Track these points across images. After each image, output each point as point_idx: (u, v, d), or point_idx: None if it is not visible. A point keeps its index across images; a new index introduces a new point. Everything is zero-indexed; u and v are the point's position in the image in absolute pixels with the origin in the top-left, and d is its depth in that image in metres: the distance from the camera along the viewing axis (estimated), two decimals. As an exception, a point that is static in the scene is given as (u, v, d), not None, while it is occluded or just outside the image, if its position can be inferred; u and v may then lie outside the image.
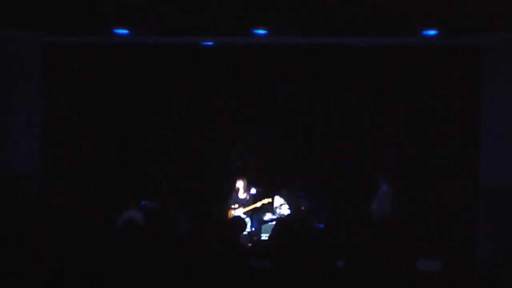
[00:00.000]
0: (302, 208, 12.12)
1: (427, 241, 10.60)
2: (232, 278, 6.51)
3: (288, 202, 12.16)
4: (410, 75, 11.93)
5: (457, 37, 11.00)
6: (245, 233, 11.18)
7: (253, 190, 12.27)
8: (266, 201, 12.05)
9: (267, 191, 12.26)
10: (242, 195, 12.13)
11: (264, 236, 11.93)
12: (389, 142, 12.09)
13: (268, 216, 12.24)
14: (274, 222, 10.92)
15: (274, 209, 12.21)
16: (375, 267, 6.54)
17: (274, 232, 7.53)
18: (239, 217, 9.45)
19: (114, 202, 11.10)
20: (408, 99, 12.08)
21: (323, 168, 12.51)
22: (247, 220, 11.84)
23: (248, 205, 12.03)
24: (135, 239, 7.07)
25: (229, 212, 12.03)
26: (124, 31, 11.06)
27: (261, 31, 10.92)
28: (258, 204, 12.04)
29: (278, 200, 12.22)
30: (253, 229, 12.13)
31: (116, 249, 6.86)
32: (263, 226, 12.17)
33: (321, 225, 11.26)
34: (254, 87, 12.74)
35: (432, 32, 10.77)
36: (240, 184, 12.14)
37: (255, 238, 11.99)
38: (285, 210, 12.12)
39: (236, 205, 12.05)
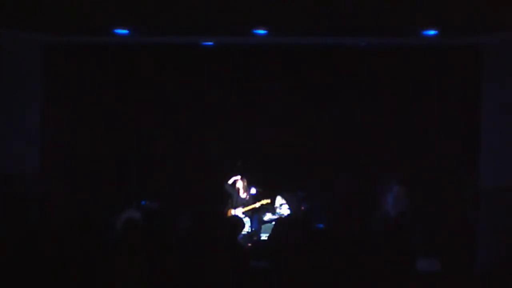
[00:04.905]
0: (302, 208, 12.12)
1: (427, 241, 10.59)
2: (232, 278, 6.52)
3: (288, 202, 12.16)
4: (410, 75, 11.92)
5: (457, 37, 11.00)
6: (244, 232, 11.18)
7: (253, 190, 12.27)
8: (265, 201, 12.05)
9: (267, 191, 12.26)
10: (242, 195, 12.13)
11: (264, 236, 11.93)
12: (388, 142, 12.08)
13: (268, 216, 12.23)
14: (274, 222, 10.91)
15: (274, 209, 12.20)
16: (375, 267, 6.55)
17: (274, 232, 7.55)
18: (236, 216, 9.45)
19: (114, 202, 11.10)
20: (408, 99, 12.07)
21: (323, 168, 12.50)
22: (247, 220, 11.84)
23: (248, 205, 12.04)
24: (135, 239, 7.08)
25: (228, 212, 12.03)
26: (124, 31, 11.06)
27: (261, 31, 10.92)
28: (257, 205, 12.05)
29: (278, 200, 12.21)
30: (253, 229, 12.13)
31: (116, 249, 6.86)
32: (263, 226, 12.17)
33: (321, 225, 11.25)
34: (254, 87, 12.74)
35: (432, 32, 10.76)
36: (240, 184, 12.14)
37: (255, 238, 11.99)
38: (285, 210, 12.11)
39: (236, 205, 12.06)
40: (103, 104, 12.19)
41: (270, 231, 8.17)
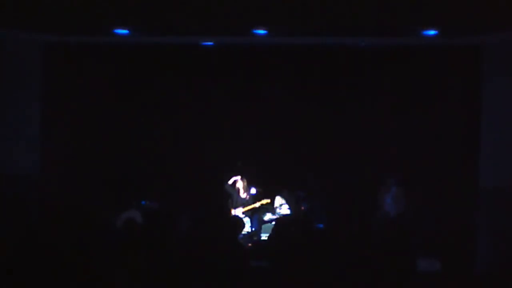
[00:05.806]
0: (302, 208, 12.12)
1: (427, 241, 10.60)
2: (232, 278, 6.52)
3: (288, 202, 12.17)
4: (410, 75, 11.93)
5: (457, 37, 11.00)
6: (244, 232, 11.18)
7: (253, 190, 12.28)
8: (264, 201, 12.05)
9: (267, 191, 12.26)
10: (242, 195, 12.13)
11: (264, 236, 11.93)
12: (388, 142, 12.08)
13: (268, 216, 12.24)
14: (274, 222, 10.92)
15: (274, 209, 12.21)
16: (375, 267, 6.55)
17: (274, 232, 7.55)
18: (237, 216, 9.44)
19: (114, 202, 11.10)
20: (408, 99, 12.07)
21: (323, 168, 12.51)
22: (247, 220, 11.84)
23: (248, 205, 12.04)
24: (135, 239, 7.08)
25: (229, 212, 12.03)
26: (124, 31, 11.06)
27: (261, 31, 10.92)
28: (257, 205, 12.05)
29: (278, 200, 12.22)
30: (253, 229, 12.13)
31: (116, 249, 6.86)
32: (263, 226, 12.17)
33: (321, 225, 11.25)
34: (254, 87, 12.74)
35: (432, 32, 10.76)
36: (240, 184, 12.14)
37: (255, 238, 11.99)
38: (285, 210, 12.12)
39: (236, 205, 12.07)
40: (103, 104, 12.18)
41: (270, 231, 8.17)
